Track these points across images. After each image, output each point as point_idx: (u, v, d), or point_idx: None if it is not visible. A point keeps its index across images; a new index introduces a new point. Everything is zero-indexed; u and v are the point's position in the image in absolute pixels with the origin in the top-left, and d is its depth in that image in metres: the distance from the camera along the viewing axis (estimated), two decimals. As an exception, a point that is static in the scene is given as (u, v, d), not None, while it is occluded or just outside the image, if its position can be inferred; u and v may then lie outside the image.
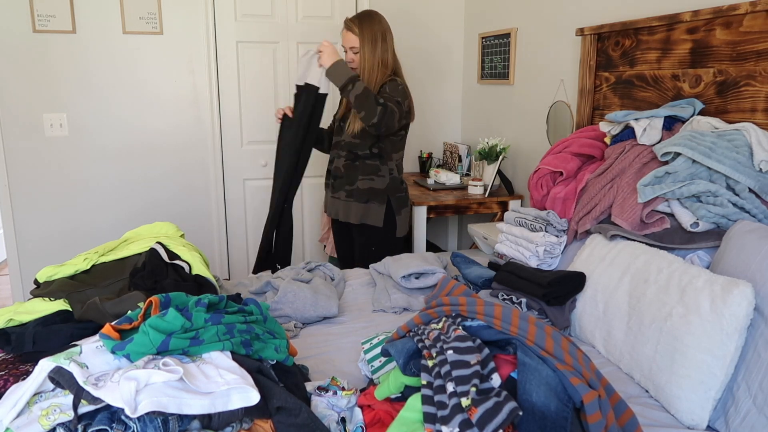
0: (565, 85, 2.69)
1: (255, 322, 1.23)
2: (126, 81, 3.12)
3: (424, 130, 3.78)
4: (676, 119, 1.88)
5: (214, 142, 3.33)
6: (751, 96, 1.73)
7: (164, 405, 0.93)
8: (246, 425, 1.03)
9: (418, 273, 1.96)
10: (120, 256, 1.76)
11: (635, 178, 1.78)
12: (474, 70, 3.60)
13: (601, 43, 2.35)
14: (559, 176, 2.10)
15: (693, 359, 1.27)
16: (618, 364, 1.50)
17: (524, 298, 1.73)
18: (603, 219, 1.85)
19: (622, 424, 1.01)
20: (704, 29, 1.87)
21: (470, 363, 1.00)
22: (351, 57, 2.33)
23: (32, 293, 1.60)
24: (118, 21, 3.04)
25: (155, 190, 3.30)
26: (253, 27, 3.28)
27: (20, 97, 2.98)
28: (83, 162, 3.14)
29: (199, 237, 3.43)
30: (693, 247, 1.57)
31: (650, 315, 1.41)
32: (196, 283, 1.69)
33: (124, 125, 3.17)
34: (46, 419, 0.94)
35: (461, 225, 3.87)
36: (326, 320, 1.80)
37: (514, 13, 3.12)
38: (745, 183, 1.54)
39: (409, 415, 1.03)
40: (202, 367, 1.03)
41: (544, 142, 2.89)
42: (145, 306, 1.16)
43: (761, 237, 1.35)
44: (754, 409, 1.19)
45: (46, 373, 0.99)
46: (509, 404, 0.92)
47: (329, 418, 1.13)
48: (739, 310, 1.23)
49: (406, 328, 1.23)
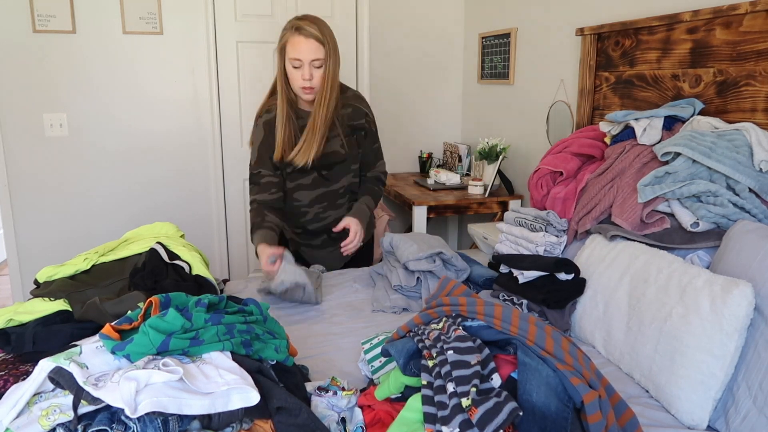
0: (565, 85, 2.69)
1: (255, 323, 1.23)
2: (126, 81, 3.12)
3: (424, 130, 3.78)
4: (676, 119, 1.88)
5: (214, 142, 3.33)
6: (751, 96, 1.73)
7: (164, 405, 0.93)
8: (246, 425, 1.03)
9: (425, 256, 1.95)
10: (120, 256, 1.76)
11: (635, 178, 1.78)
12: (474, 70, 3.60)
13: (601, 43, 2.35)
14: (559, 176, 2.10)
15: (693, 359, 1.27)
16: (618, 364, 1.50)
17: (525, 300, 1.73)
18: (603, 219, 1.85)
19: (622, 424, 1.01)
20: (704, 29, 1.87)
21: (470, 363, 1.00)
22: (309, 74, 1.87)
23: (32, 293, 1.60)
24: (118, 21, 3.04)
25: (155, 190, 3.30)
26: (253, 27, 3.28)
27: (20, 97, 2.98)
28: (83, 162, 3.14)
29: (199, 237, 3.42)
30: (693, 247, 1.57)
31: (650, 315, 1.41)
32: (196, 284, 1.69)
33: (124, 125, 3.17)
34: (46, 419, 0.94)
35: (461, 225, 3.87)
36: (326, 320, 1.80)
37: (514, 13, 3.12)
38: (745, 183, 1.54)
39: (410, 415, 1.03)
40: (202, 368, 1.03)
41: (544, 142, 2.89)
42: (145, 306, 1.16)
43: (761, 237, 1.35)
44: (754, 409, 1.19)
45: (46, 374, 0.99)
46: (509, 404, 0.92)
47: (329, 418, 1.13)
48: (739, 310, 1.23)
49: (406, 328, 1.23)
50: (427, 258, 1.94)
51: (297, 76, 1.89)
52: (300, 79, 1.89)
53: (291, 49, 1.87)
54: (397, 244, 2.03)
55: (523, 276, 1.76)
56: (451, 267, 1.97)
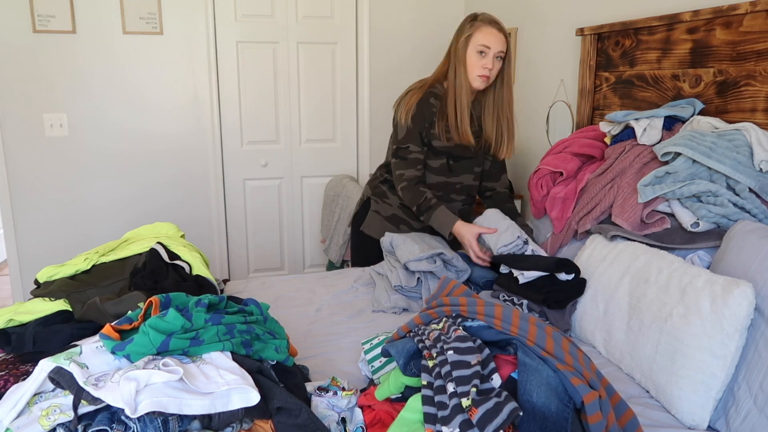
0: (565, 85, 2.69)
1: (255, 323, 1.23)
2: (126, 81, 3.12)
3: (424, 130, 3.77)
4: (676, 119, 1.88)
5: (214, 142, 3.33)
6: (751, 96, 1.73)
7: (164, 405, 0.93)
8: (246, 425, 1.03)
9: (426, 257, 1.95)
10: (120, 256, 1.76)
11: (635, 178, 1.78)
12: (474, 70, 3.60)
13: (601, 43, 2.35)
14: (559, 176, 2.10)
15: (693, 359, 1.27)
16: (618, 364, 1.50)
17: (526, 300, 1.73)
18: (603, 219, 1.85)
19: (622, 424, 1.01)
20: (704, 29, 1.87)
21: (471, 363, 1.00)
22: (489, 63, 2.01)
23: (32, 293, 1.60)
24: (118, 21, 3.04)
25: (155, 189, 3.30)
26: (253, 27, 3.28)
27: (20, 97, 2.98)
28: (83, 162, 3.14)
29: (199, 237, 3.43)
30: (693, 247, 1.57)
31: (651, 315, 1.41)
32: (197, 284, 1.69)
33: (124, 125, 3.17)
34: (46, 419, 0.94)
35: (461, 225, 3.87)
36: (326, 320, 1.80)
37: (514, 13, 3.12)
38: (746, 183, 1.54)
39: (410, 415, 1.03)
40: (202, 368, 1.03)
41: (544, 142, 2.89)
42: (145, 306, 1.16)
43: (761, 237, 1.35)
44: (754, 409, 1.19)
45: (46, 374, 0.99)
46: (510, 405, 0.92)
47: (329, 418, 1.13)
48: (740, 310, 1.23)
49: (407, 329, 1.23)
50: (428, 258, 1.94)
51: (478, 64, 2.02)
52: (480, 67, 2.02)
53: (482, 36, 2.01)
54: (397, 244, 2.03)
55: (523, 276, 1.76)
56: (452, 267, 1.97)
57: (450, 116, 2.08)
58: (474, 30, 2.02)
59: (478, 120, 2.18)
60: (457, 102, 2.06)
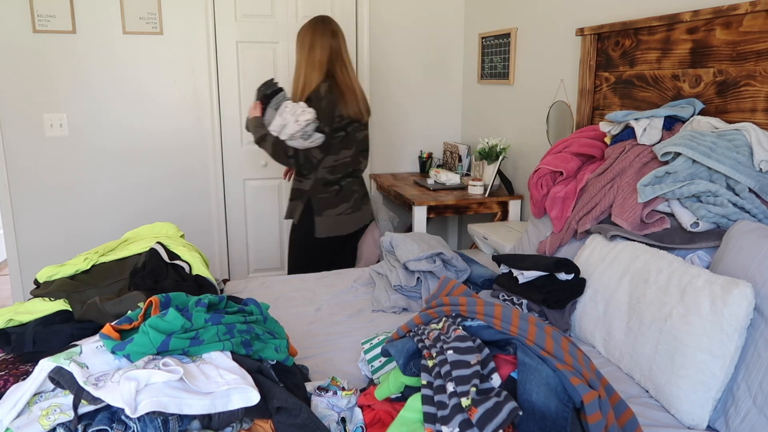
0: (565, 85, 2.69)
1: (255, 323, 1.23)
2: (126, 81, 3.12)
3: (424, 130, 3.77)
4: (676, 119, 1.88)
5: (214, 142, 3.33)
6: (751, 96, 1.73)
7: (164, 405, 0.93)
8: (246, 425, 1.03)
9: (425, 257, 1.95)
10: (120, 256, 1.76)
11: (635, 178, 1.78)
12: (474, 70, 3.60)
13: (601, 43, 2.35)
14: (559, 176, 2.10)
15: (693, 359, 1.27)
16: (618, 364, 1.50)
17: (525, 300, 1.73)
18: (603, 219, 1.85)
19: (622, 424, 1.01)
20: (704, 29, 1.87)
21: (470, 363, 1.00)
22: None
23: (32, 293, 1.60)
24: (118, 21, 3.04)
25: (155, 189, 3.30)
26: (253, 27, 3.28)
27: (20, 97, 2.98)
28: (83, 162, 3.14)
29: (199, 237, 3.43)
30: (693, 247, 1.57)
31: (650, 315, 1.41)
32: (196, 284, 1.69)
33: (124, 125, 3.17)
34: (46, 419, 0.94)
35: (461, 225, 3.87)
36: (326, 320, 1.80)
37: (514, 13, 3.12)
38: (745, 183, 1.54)
39: (409, 415, 1.03)
40: (202, 367, 1.04)
41: (544, 142, 2.89)
42: (145, 306, 1.16)
43: (761, 237, 1.35)
44: (754, 409, 1.19)
45: (46, 373, 0.99)
46: (509, 404, 0.92)
47: (329, 418, 1.13)
48: (739, 310, 1.23)
49: (406, 328, 1.23)
50: (428, 258, 1.94)
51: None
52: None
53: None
54: (397, 244, 2.03)
55: (523, 276, 1.76)
56: (451, 267, 1.97)
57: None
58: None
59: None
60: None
